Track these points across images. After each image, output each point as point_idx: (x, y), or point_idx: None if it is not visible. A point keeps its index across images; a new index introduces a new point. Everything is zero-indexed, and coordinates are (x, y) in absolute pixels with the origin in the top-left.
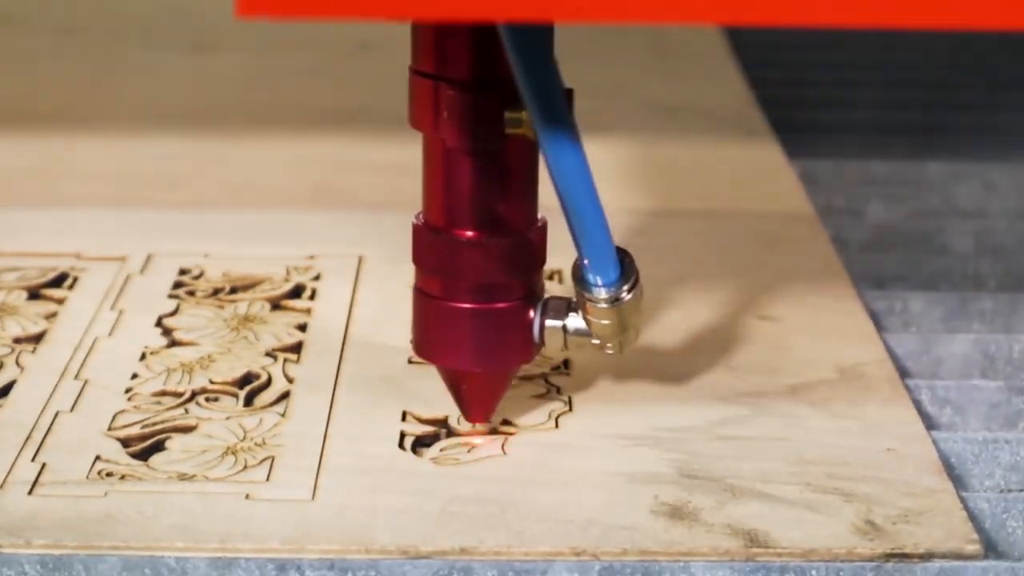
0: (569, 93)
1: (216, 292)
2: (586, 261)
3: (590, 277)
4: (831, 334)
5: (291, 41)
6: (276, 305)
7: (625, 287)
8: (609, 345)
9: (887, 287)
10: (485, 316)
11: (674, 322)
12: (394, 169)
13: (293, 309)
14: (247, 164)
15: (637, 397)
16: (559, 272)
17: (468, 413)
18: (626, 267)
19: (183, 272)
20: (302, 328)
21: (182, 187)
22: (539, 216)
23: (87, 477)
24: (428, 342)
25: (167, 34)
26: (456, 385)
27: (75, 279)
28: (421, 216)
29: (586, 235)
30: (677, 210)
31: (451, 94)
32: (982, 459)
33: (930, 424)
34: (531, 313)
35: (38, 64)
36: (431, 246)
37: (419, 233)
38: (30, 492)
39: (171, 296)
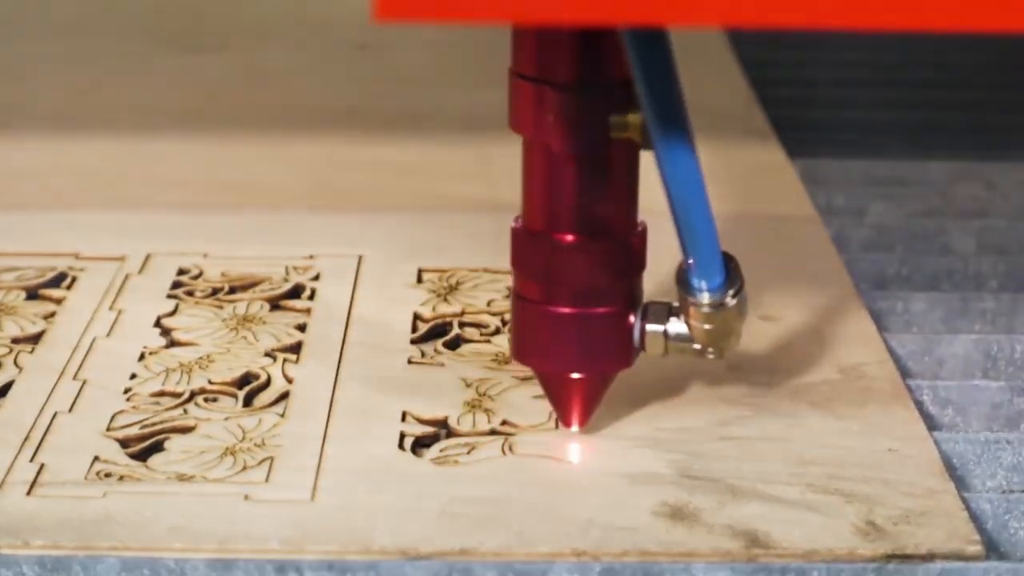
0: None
1: (215, 292)
2: (692, 264)
3: (695, 281)
4: (832, 334)
5: (290, 41)
6: (275, 305)
7: (730, 292)
8: (711, 350)
9: (888, 287)
10: (585, 321)
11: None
12: (394, 169)
13: (292, 309)
14: (246, 164)
15: (637, 397)
16: None
17: (565, 418)
18: (731, 272)
19: (182, 272)
20: (301, 328)
21: (181, 187)
22: (639, 220)
23: (85, 478)
24: (527, 346)
25: (166, 34)
26: (554, 390)
27: (73, 279)
28: (520, 219)
29: (695, 239)
30: None
31: (556, 97)
32: (984, 460)
33: (932, 425)
34: (631, 318)
35: (36, 64)
36: (531, 250)
37: (518, 237)
38: (28, 493)
39: (170, 296)
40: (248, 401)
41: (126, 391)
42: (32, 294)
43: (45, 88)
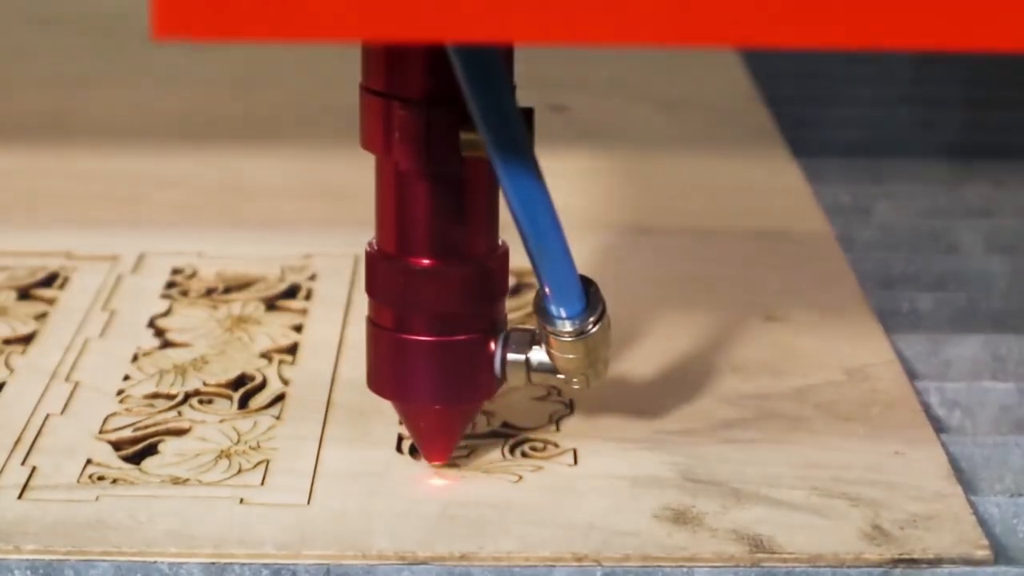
0: (528, 113)
1: (210, 292)
2: (548, 292)
3: (553, 309)
4: (837, 335)
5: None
6: (271, 305)
7: (591, 319)
8: (575, 380)
9: (895, 287)
10: (443, 349)
11: (677, 323)
12: None
13: (288, 309)
14: (241, 162)
15: (639, 399)
16: None
17: (426, 452)
18: (591, 297)
19: (176, 272)
20: (297, 329)
21: (175, 185)
22: (500, 242)
23: (78, 481)
24: (383, 377)
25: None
26: (413, 423)
27: (66, 279)
28: (374, 243)
29: (547, 265)
30: (680, 208)
31: (404, 114)
32: (992, 463)
33: (939, 427)
34: (492, 346)
35: (28, 61)
36: (385, 275)
37: (372, 261)
38: (20, 496)
39: (164, 296)
40: (243, 403)
41: (119, 393)
42: (23, 294)
43: (36, 85)
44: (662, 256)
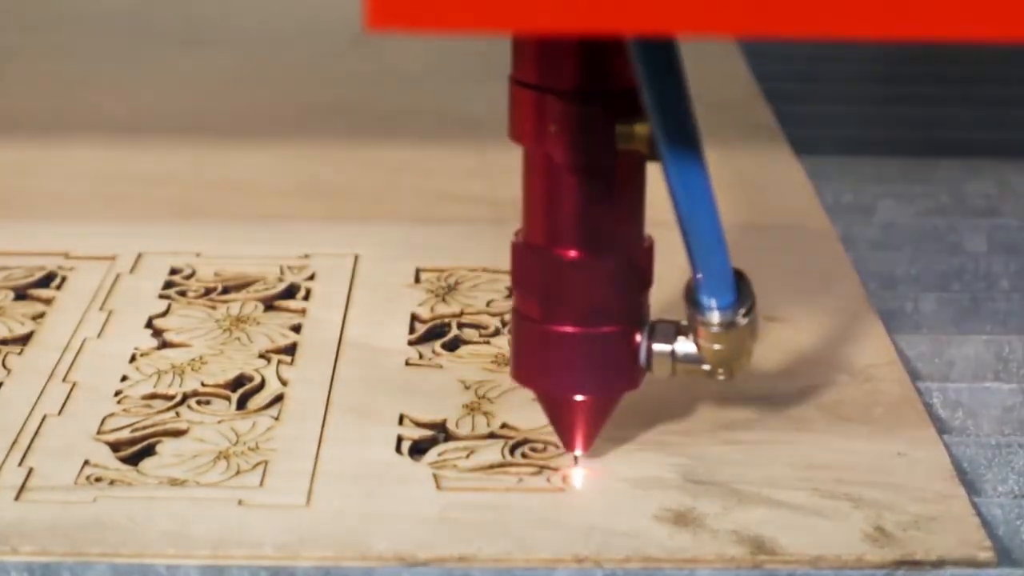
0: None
1: (208, 292)
2: (701, 281)
3: (704, 300)
4: (840, 335)
5: (284, 37)
6: (269, 305)
7: (742, 310)
8: (720, 371)
9: (897, 287)
10: (589, 341)
11: None
12: (390, 166)
13: (287, 310)
14: (239, 161)
15: (640, 400)
16: None
17: (568, 442)
18: (743, 289)
19: (174, 272)
20: (296, 329)
21: (173, 185)
22: (646, 235)
23: (75, 482)
24: (528, 367)
25: (157, 30)
26: (556, 413)
27: (63, 279)
28: (520, 234)
29: (704, 255)
30: None
31: (560, 106)
32: (995, 464)
33: (942, 428)
34: (637, 337)
35: (23, 59)
36: (532, 266)
37: (519, 252)
38: (17, 498)
39: (162, 296)
40: (242, 404)
41: (117, 393)
42: (21, 294)
43: (33, 84)
44: (662, 254)
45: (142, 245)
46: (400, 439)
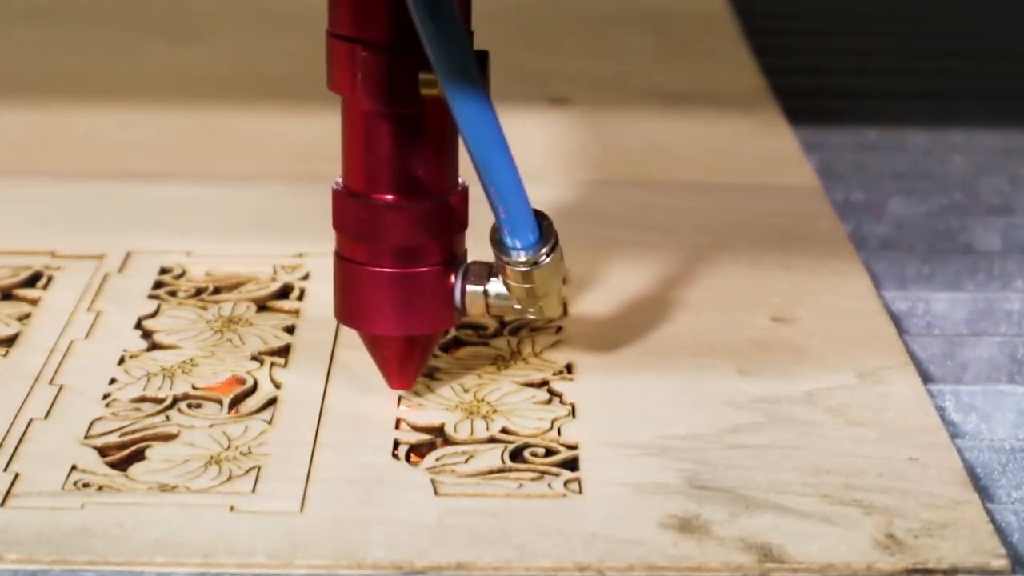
0: (484, 56)
1: (199, 292)
2: (503, 224)
3: (508, 240)
4: (849, 337)
5: (277, 25)
6: (262, 306)
7: (544, 250)
8: (531, 310)
9: (909, 287)
10: (405, 280)
11: (683, 324)
12: None
13: (280, 310)
14: (231, 156)
15: (643, 404)
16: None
17: (390, 379)
18: (544, 230)
19: (164, 271)
20: (290, 330)
21: (162, 181)
22: (460, 181)
23: (62, 488)
24: (349, 308)
25: (146, 19)
26: (378, 351)
27: (50, 278)
28: (340, 181)
29: (501, 197)
30: (685, 207)
31: (366, 56)
32: (1009, 469)
33: (954, 432)
34: (452, 278)
35: (10, 51)
36: (351, 211)
37: (339, 198)
38: (2, 504)
39: (151, 296)
40: (234, 407)
41: (105, 397)
42: (6, 295)
43: (20, 76)
44: (666, 255)
45: (131, 244)
46: (397, 443)
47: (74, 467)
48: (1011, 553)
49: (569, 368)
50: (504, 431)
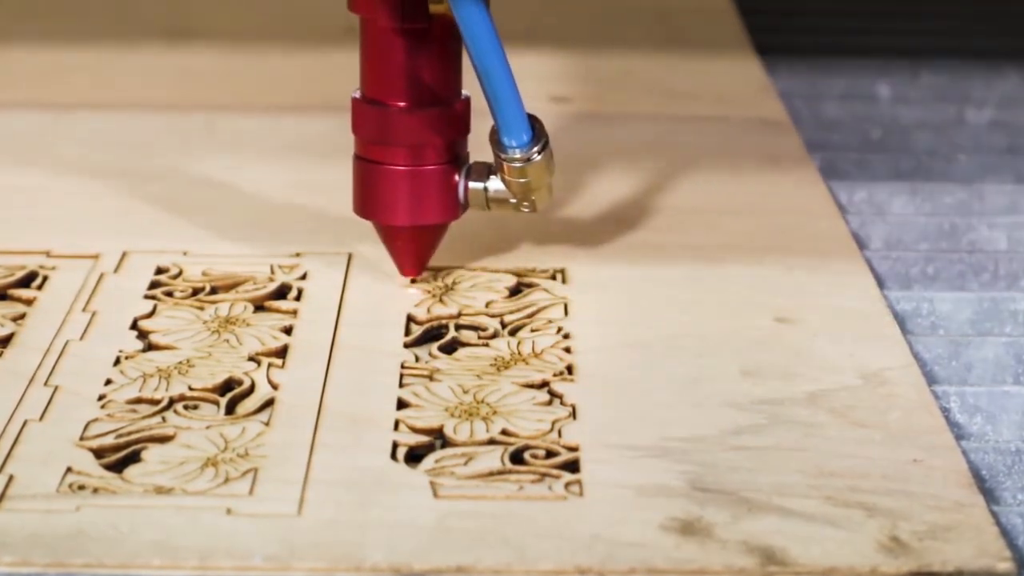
0: None
1: (195, 292)
2: (500, 125)
3: (504, 140)
4: (853, 337)
5: (273, 26)
6: (260, 306)
7: (535, 148)
8: (524, 204)
9: (913, 287)
10: (416, 176)
11: (686, 324)
12: None
13: (278, 310)
14: (228, 156)
15: (645, 405)
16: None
17: (402, 267)
18: (537, 130)
19: (160, 271)
20: (288, 331)
21: (159, 181)
22: (464, 92)
23: (57, 490)
24: (366, 202)
25: (142, 20)
26: (391, 241)
27: (45, 278)
28: (359, 90)
29: (498, 100)
30: (688, 206)
31: None
32: (1015, 471)
33: (959, 433)
34: (456, 176)
35: (5, 47)
36: (368, 116)
37: (358, 105)
38: None
39: (147, 297)
40: (231, 408)
41: (101, 398)
42: (0, 294)
43: (14, 73)
44: (668, 254)
45: (127, 243)
46: (395, 445)
47: (69, 469)
48: (1017, 556)
49: (570, 369)
50: (504, 433)
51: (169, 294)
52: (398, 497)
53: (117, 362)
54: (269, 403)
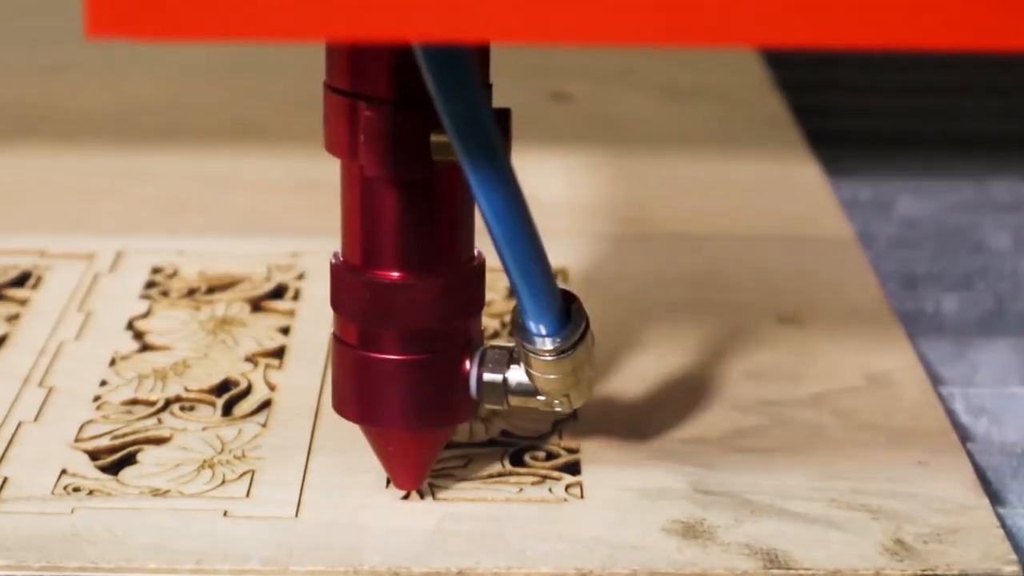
0: (505, 114)
1: (191, 292)
2: (526, 308)
3: (532, 326)
4: (857, 338)
5: None
6: (256, 306)
7: (573, 337)
8: (556, 402)
9: (918, 287)
10: (414, 369)
11: (688, 326)
12: None
13: (275, 311)
14: (224, 155)
15: (647, 406)
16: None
17: (396, 479)
18: (573, 313)
19: (156, 271)
20: (285, 331)
21: (154, 179)
22: (476, 252)
23: (52, 492)
24: (349, 398)
25: None
26: (382, 448)
27: (39, 278)
28: (340, 254)
29: (522, 279)
30: (690, 206)
31: (370, 115)
32: (1021, 473)
33: (964, 435)
34: (467, 365)
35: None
36: (352, 289)
37: (337, 274)
38: None
39: (143, 296)
40: (227, 410)
41: (96, 399)
42: None
43: (9, 75)
44: (670, 254)
45: (122, 243)
46: None
47: (64, 471)
48: (1022, 559)
49: None
50: (504, 434)
51: (165, 294)
52: (397, 499)
53: (112, 363)
54: (266, 404)
